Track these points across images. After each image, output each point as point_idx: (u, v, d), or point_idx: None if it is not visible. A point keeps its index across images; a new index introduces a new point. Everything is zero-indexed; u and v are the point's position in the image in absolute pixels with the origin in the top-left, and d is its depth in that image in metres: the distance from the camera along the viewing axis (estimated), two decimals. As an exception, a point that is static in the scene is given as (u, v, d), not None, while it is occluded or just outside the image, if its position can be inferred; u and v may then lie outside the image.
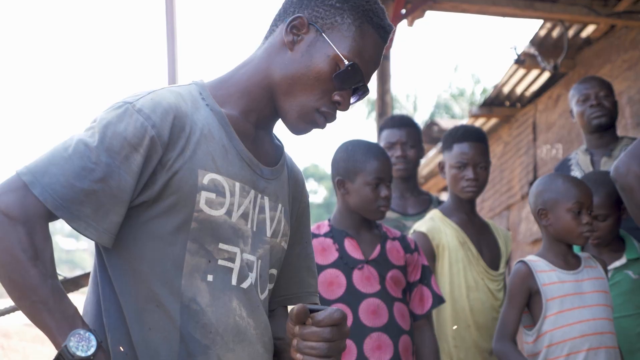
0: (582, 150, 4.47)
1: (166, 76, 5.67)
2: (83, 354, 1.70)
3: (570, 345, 3.34)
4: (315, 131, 2.06)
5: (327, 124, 1.99)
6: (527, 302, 3.47)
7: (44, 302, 1.73)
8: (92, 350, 1.71)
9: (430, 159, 9.76)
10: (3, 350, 11.92)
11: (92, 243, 1.92)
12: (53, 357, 1.73)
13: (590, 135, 4.46)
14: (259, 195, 1.98)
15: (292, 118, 1.97)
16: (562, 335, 3.35)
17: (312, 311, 1.81)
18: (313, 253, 2.22)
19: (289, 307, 2.19)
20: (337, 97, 1.95)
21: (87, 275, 3.84)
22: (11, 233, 1.73)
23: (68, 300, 1.77)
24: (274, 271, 2.06)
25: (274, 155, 2.07)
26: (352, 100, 1.98)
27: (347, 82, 1.94)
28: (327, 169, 37.46)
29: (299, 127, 1.98)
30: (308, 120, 1.97)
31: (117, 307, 1.86)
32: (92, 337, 1.72)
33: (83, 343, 1.71)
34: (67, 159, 1.78)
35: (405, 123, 4.65)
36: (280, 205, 2.04)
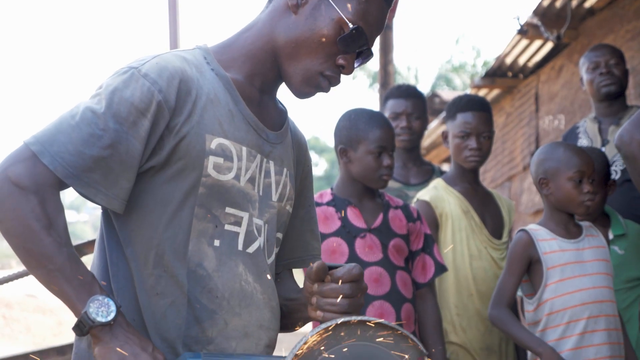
0: (590, 118, 4.45)
1: (168, 40, 5.62)
2: (103, 320, 1.71)
3: (571, 314, 3.35)
4: (317, 98, 2.05)
5: (331, 88, 1.98)
6: (527, 271, 3.48)
7: (61, 270, 1.73)
8: (112, 315, 1.72)
9: (432, 130, 9.75)
10: (5, 320, 11.98)
11: (93, 215, 1.91)
12: (73, 324, 1.73)
13: (599, 104, 4.44)
14: (265, 160, 1.98)
15: (297, 82, 1.96)
16: (562, 304, 3.36)
17: (330, 268, 1.81)
18: (316, 216, 2.22)
19: (291, 270, 2.20)
20: (341, 61, 1.94)
21: (90, 243, 3.83)
22: (23, 203, 1.73)
23: (84, 267, 1.78)
24: (279, 235, 2.07)
25: (279, 119, 2.07)
26: (355, 64, 1.98)
27: (351, 46, 1.93)
28: (328, 142, 37.42)
29: (303, 91, 1.98)
30: (312, 84, 1.96)
31: (125, 272, 1.86)
32: (111, 303, 1.72)
33: (103, 309, 1.71)
34: (75, 126, 1.78)
35: (411, 93, 4.63)
36: (285, 169, 2.04)
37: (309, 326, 3.36)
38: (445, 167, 8.15)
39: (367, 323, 1.68)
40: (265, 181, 1.98)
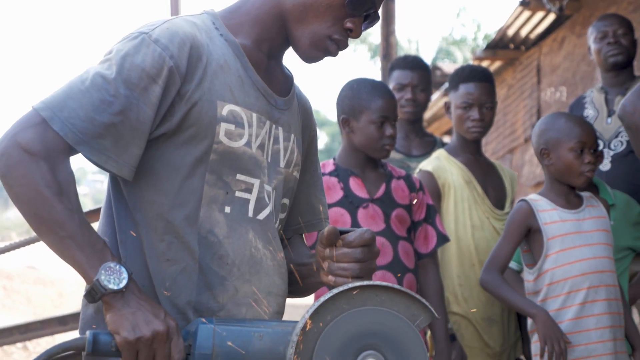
0: (597, 88, 4.43)
1: (168, 5, 5.58)
2: (115, 287, 1.70)
3: (571, 284, 3.36)
4: (318, 72, 2.03)
5: (339, 52, 1.97)
6: (524, 240, 3.49)
7: (72, 237, 1.72)
8: (124, 282, 1.71)
9: (433, 102, 9.73)
10: (5, 292, 12.02)
11: (93, 188, 1.90)
12: (85, 291, 1.73)
13: (607, 73, 4.41)
14: (274, 126, 1.98)
15: (304, 46, 1.95)
16: (562, 274, 3.37)
17: (342, 233, 1.81)
18: (322, 180, 2.22)
19: (302, 235, 2.20)
20: (349, 24, 1.93)
21: (94, 211, 3.83)
22: (34, 169, 1.72)
23: (96, 233, 1.77)
24: (285, 201, 2.07)
25: (285, 85, 2.06)
26: (362, 27, 1.96)
27: (359, 9, 1.92)
28: (329, 115, 37.42)
29: (311, 54, 1.96)
30: (320, 48, 1.95)
31: (134, 238, 1.86)
32: (123, 270, 1.72)
33: (114, 276, 1.71)
34: (85, 92, 1.77)
35: (418, 65, 4.60)
36: (293, 136, 2.04)
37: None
38: (447, 140, 8.14)
39: (379, 287, 1.67)
40: (274, 147, 1.98)
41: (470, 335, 3.87)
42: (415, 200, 3.59)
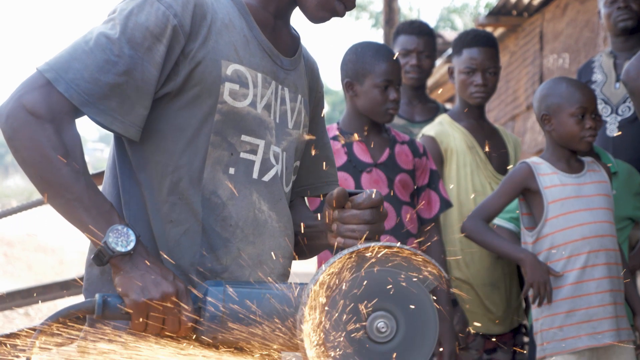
0: (606, 53, 4.40)
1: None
2: (123, 249, 1.70)
3: (571, 248, 3.37)
4: (319, 41, 2.01)
5: (346, 12, 1.95)
6: (517, 200, 3.51)
7: (79, 200, 1.72)
8: (132, 245, 1.71)
9: (435, 69, 9.67)
10: (6, 258, 12.05)
11: (93, 157, 1.88)
12: (92, 254, 1.72)
13: (616, 38, 4.37)
14: (280, 87, 1.96)
15: (312, 6, 1.94)
16: (562, 238, 3.38)
17: (350, 194, 1.80)
18: (329, 142, 2.20)
19: (304, 198, 2.19)
20: None
21: (98, 175, 3.81)
22: (39, 131, 1.71)
23: (102, 196, 1.77)
24: (297, 163, 2.05)
25: (292, 45, 2.04)
26: None
27: None
28: (330, 84, 37.28)
29: (318, 15, 1.95)
30: (328, 8, 1.94)
31: (138, 199, 1.85)
32: (131, 232, 1.71)
33: (122, 238, 1.70)
34: (89, 52, 1.75)
35: (423, 31, 4.57)
36: (299, 96, 2.03)
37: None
38: (449, 107, 8.12)
39: (388, 249, 1.67)
40: (281, 108, 1.96)
41: (472, 300, 3.88)
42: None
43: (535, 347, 3.48)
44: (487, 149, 4.00)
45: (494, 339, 3.92)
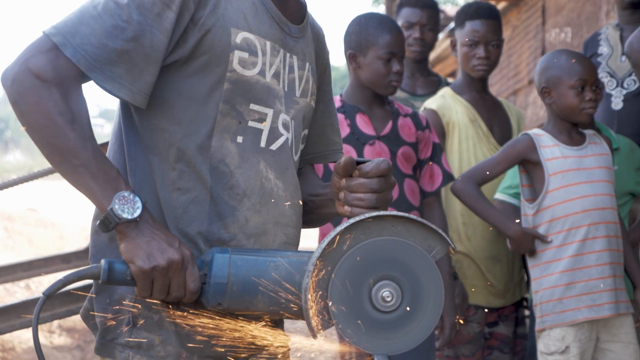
0: (612, 26, 4.36)
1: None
2: (129, 216, 1.69)
3: (572, 220, 3.37)
4: (319, 17, 1.99)
5: None
6: (511, 168, 3.53)
7: (86, 166, 1.70)
8: (138, 212, 1.69)
9: (437, 44, 9.64)
10: (7, 233, 12.04)
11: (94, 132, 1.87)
12: (99, 221, 1.71)
13: (623, 11, 4.34)
14: (288, 55, 1.95)
15: None
16: (563, 210, 3.38)
17: (358, 163, 1.79)
18: (335, 110, 2.19)
19: (313, 166, 2.18)
20: None
21: (102, 145, 3.80)
22: (46, 96, 1.69)
23: (109, 162, 1.75)
24: (305, 132, 2.04)
25: (299, 12, 2.02)
26: None
27: None
28: (331, 60, 37.21)
29: None
30: None
31: (144, 166, 1.84)
32: (137, 199, 1.70)
33: (128, 205, 1.69)
34: (97, 17, 1.73)
35: (427, 4, 4.54)
36: (307, 64, 2.01)
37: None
38: (451, 81, 8.09)
39: (396, 218, 1.66)
40: (290, 76, 1.95)
41: (473, 274, 3.88)
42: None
43: (535, 320, 3.49)
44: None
45: (495, 312, 3.92)
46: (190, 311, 1.76)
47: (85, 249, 5.51)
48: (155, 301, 1.75)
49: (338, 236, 1.65)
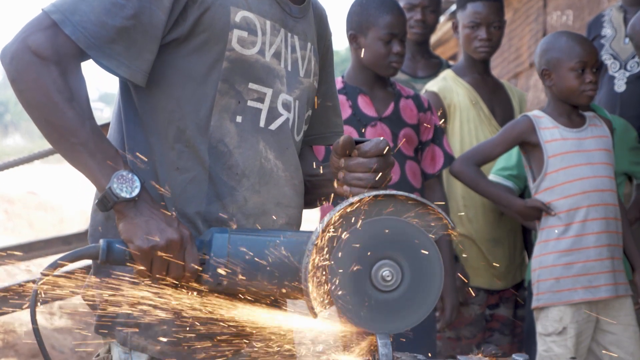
0: (616, 7, 4.34)
1: None
2: (127, 195, 1.68)
3: (571, 202, 3.37)
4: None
5: None
6: (510, 150, 3.54)
7: (84, 144, 1.70)
8: (137, 191, 1.69)
9: (438, 27, 9.60)
10: (7, 215, 12.05)
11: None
12: (97, 199, 1.71)
13: (627, -7, 4.32)
14: (289, 34, 1.93)
15: None
16: (561, 192, 3.38)
17: (357, 143, 1.78)
18: (337, 92, 2.17)
19: (312, 147, 2.16)
20: None
21: (102, 126, 3.79)
22: (44, 74, 1.68)
23: (108, 141, 1.75)
24: (309, 112, 2.03)
25: None
26: None
27: None
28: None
29: None
30: None
31: (143, 145, 1.83)
32: (136, 178, 1.69)
33: (127, 184, 1.68)
34: None
35: None
36: (309, 44, 2.00)
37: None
38: (452, 64, 8.06)
39: (395, 197, 1.65)
40: (292, 56, 1.94)
41: (474, 256, 3.88)
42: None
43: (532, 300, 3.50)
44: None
45: (496, 295, 3.92)
46: (189, 291, 1.75)
47: (85, 230, 5.51)
48: (153, 281, 1.75)
49: (338, 216, 1.64)
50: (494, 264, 3.88)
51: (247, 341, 1.83)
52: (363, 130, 3.43)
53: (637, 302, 3.44)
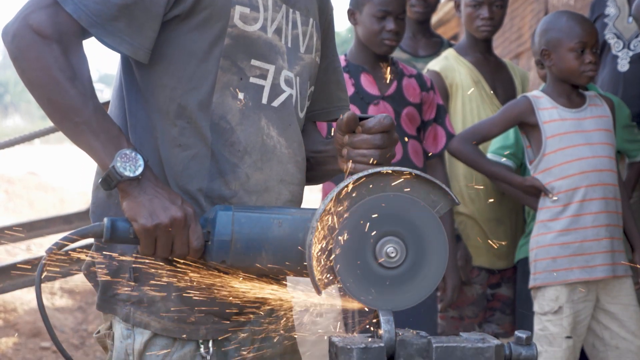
0: (620, -15, 4.32)
1: None
2: (131, 174, 1.67)
3: (570, 182, 3.36)
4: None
5: None
6: (508, 130, 3.55)
7: (87, 123, 1.69)
8: (140, 170, 1.68)
9: (439, 7, 9.58)
10: (7, 195, 12.05)
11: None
12: (101, 178, 1.70)
13: (631, -28, 4.30)
14: (290, 10, 1.92)
15: None
16: (560, 172, 3.37)
17: (361, 119, 1.77)
18: (341, 66, 2.16)
19: (315, 123, 2.15)
20: None
21: (104, 104, 3.78)
22: (46, 52, 1.67)
23: (111, 120, 1.74)
24: (312, 89, 2.02)
25: None
26: None
27: None
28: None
29: None
30: None
31: (145, 123, 1.82)
32: (139, 157, 1.68)
33: (130, 163, 1.67)
34: None
35: None
36: (311, 19, 1.98)
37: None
38: (454, 44, 8.04)
39: (399, 173, 1.64)
40: (293, 32, 1.92)
41: (475, 235, 3.88)
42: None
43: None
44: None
45: (498, 274, 3.93)
46: (193, 269, 1.74)
47: (86, 210, 5.50)
48: (157, 259, 1.74)
49: (341, 193, 1.63)
50: (496, 243, 3.88)
51: (252, 316, 1.83)
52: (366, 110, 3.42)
53: (637, 282, 3.44)
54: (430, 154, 3.60)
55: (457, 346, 1.56)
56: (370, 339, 1.60)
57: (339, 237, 1.62)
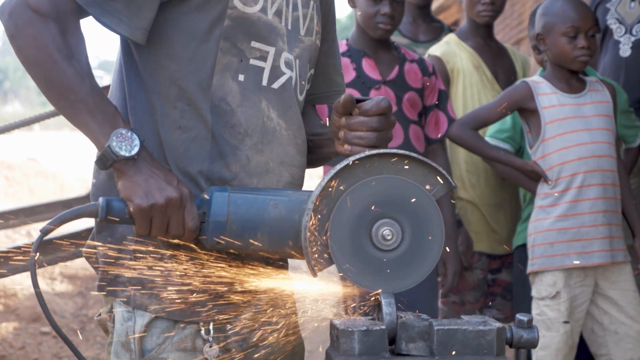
0: (622, -28, 4.31)
1: None
2: (127, 154, 1.66)
3: (567, 168, 3.36)
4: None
5: None
6: (508, 115, 3.54)
7: (84, 102, 1.68)
8: (136, 149, 1.67)
9: (439, -7, 9.56)
10: (7, 181, 12.06)
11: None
12: (96, 157, 1.69)
13: (633, -44, 4.28)
14: None
15: None
16: (559, 158, 3.37)
17: (358, 101, 1.76)
18: (339, 51, 2.15)
19: (314, 106, 2.15)
20: None
21: (104, 89, 3.78)
22: (43, 31, 1.66)
23: (107, 99, 1.73)
24: (312, 72, 2.01)
25: None
26: None
27: None
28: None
29: None
30: None
31: (144, 105, 1.81)
32: (135, 136, 1.67)
33: (126, 142, 1.66)
34: None
35: None
36: (312, 2, 1.97)
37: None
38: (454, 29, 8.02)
39: (396, 156, 1.64)
40: (294, 14, 1.91)
41: (476, 220, 3.88)
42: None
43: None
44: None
45: (498, 259, 3.93)
46: (191, 250, 1.74)
47: (86, 195, 5.51)
48: (154, 239, 1.74)
49: (338, 174, 1.63)
50: (497, 228, 3.88)
51: (250, 299, 1.83)
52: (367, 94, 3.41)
53: (636, 267, 3.44)
54: (431, 139, 3.59)
55: (458, 329, 1.56)
56: (371, 322, 1.60)
57: (335, 220, 1.61)
